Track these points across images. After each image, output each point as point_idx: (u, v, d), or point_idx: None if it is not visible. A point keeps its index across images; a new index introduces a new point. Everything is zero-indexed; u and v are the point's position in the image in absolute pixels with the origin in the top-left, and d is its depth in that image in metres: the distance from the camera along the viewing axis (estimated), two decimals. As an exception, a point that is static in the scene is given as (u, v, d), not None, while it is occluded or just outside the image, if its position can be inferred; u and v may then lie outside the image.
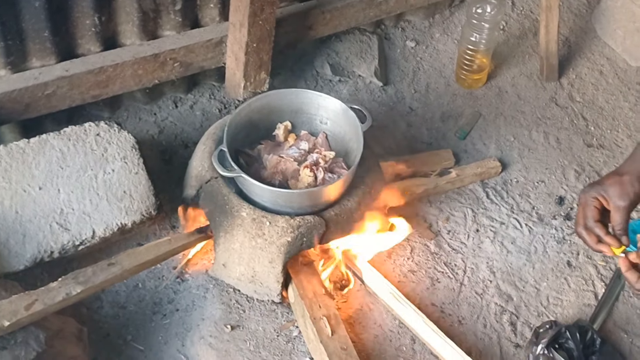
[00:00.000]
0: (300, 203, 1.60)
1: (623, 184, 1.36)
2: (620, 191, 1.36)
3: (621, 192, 1.35)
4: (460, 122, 2.23)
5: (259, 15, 1.73)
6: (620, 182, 1.37)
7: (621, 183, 1.36)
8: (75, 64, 1.68)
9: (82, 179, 1.56)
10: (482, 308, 1.79)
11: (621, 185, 1.36)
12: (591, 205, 1.38)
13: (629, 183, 1.35)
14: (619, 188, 1.36)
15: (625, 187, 1.35)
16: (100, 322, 1.66)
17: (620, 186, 1.36)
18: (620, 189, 1.36)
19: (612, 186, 1.37)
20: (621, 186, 1.36)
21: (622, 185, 1.36)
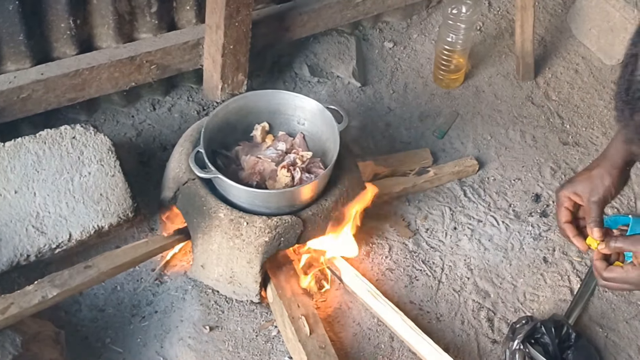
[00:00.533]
0: (277, 203, 1.61)
1: (593, 179, 1.38)
2: (591, 187, 1.38)
3: (592, 187, 1.38)
4: (438, 121, 2.25)
5: (234, 17, 1.74)
6: (590, 178, 1.39)
7: (591, 178, 1.39)
8: (50, 68, 1.68)
9: (58, 182, 1.56)
10: (459, 305, 1.80)
11: (591, 181, 1.39)
12: (562, 205, 1.41)
13: (599, 178, 1.38)
14: (589, 184, 1.39)
15: (595, 182, 1.38)
16: (78, 325, 1.65)
17: (591, 182, 1.39)
18: (591, 185, 1.38)
19: (582, 182, 1.40)
20: (591, 182, 1.38)
21: (592, 180, 1.38)
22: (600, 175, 1.37)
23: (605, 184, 1.37)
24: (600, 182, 1.37)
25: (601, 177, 1.37)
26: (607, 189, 1.37)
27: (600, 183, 1.37)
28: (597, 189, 1.37)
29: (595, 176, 1.37)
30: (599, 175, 1.37)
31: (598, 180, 1.37)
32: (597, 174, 1.38)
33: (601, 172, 1.38)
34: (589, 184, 1.38)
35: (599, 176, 1.37)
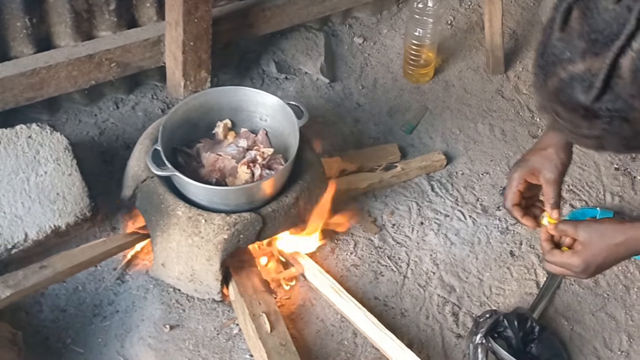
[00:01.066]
0: (235, 200, 1.60)
1: (549, 157, 1.38)
2: (549, 164, 1.37)
3: (549, 165, 1.37)
4: (407, 116, 2.24)
5: (193, 14, 1.73)
6: (545, 156, 1.38)
7: (547, 157, 1.38)
8: (6, 67, 1.66)
9: (13, 182, 1.55)
10: (424, 300, 1.80)
11: (547, 159, 1.38)
12: (515, 187, 1.40)
13: (555, 155, 1.37)
14: (546, 162, 1.38)
15: (552, 159, 1.37)
16: (39, 326, 1.64)
17: (547, 159, 1.38)
18: (548, 162, 1.37)
19: (538, 161, 1.39)
20: (548, 159, 1.38)
21: (548, 158, 1.38)
22: (556, 152, 1.37)
23: (561, 160, 1.37)
24: (557, 158, 1.36)
25: (557, 153, 1.37)
26: (563, 164, 1.37)
27: (557, 159, 1.36)
28: (556, 165, 1.36)
29: (552, 154, 1.37)
30: (554, 152, 1.37)
31: (554, 157, 1.37)
32: (552, 151, 1.37)
33: (555, 149, 1.37)
34: (545, 161, 1.37)
35: (555, 153, 1.37)
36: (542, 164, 1.37)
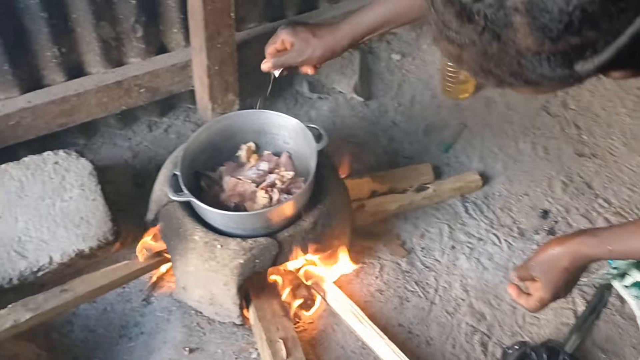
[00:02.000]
0: (252, 225, 1.59)
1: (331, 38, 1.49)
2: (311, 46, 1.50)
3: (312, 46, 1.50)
4: (444, 134, 2.18)
5: (216, 39, 1.75)
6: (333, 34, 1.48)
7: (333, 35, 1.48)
8: (38, 95, 1.73)
9: (40, 207, 1.61)
10: (452, 328, 1.73)
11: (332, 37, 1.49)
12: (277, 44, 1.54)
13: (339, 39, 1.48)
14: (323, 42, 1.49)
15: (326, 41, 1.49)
16: (69, 346, 1.69)
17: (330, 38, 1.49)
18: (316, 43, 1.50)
19: (318, 31, 1.50)
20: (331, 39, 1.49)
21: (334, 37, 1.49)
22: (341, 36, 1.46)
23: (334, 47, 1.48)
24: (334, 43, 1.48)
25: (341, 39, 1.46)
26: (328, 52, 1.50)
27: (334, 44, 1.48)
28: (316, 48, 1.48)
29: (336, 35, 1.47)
30: (341, 36, 1.46)
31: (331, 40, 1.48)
32: (340, 36, 1.46)
33: (343, 34, 1.47)
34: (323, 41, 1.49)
35: (341, 37, 1.46)
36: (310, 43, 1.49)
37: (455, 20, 0.73)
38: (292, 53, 1.53)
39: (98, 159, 1.97)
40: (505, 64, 0.74)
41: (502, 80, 0.77)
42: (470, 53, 0.75)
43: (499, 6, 0.69)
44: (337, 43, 1.51)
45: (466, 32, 0.73)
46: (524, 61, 0.73)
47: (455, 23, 0.73)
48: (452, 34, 0.75)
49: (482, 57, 0.75)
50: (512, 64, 0.74)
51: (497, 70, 0.76)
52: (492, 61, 0.75)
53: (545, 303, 1.32)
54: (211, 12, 1.68)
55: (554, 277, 1.27)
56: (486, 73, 0.78)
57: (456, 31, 0.74)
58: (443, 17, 0.75)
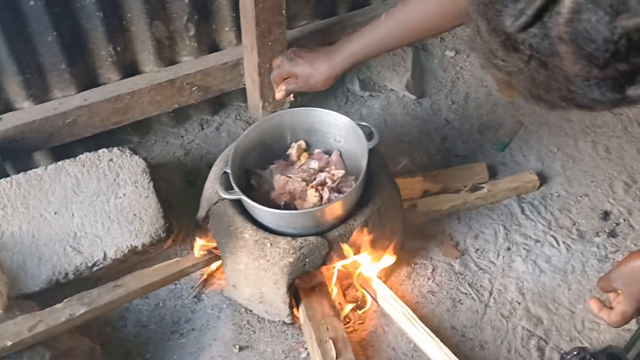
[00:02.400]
0: (302, 224, 1.58)
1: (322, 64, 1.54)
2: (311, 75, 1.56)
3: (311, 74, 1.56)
4: (500, 133, 2.12)
5: (267, 37, 1.74)
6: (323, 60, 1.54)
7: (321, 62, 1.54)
8: (93, 93, 1.76)
9: (94, 204, 1.63)
10: (507, 332, 1.68)
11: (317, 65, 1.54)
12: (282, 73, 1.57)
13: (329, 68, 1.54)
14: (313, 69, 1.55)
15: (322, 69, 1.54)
16: (122, 340, 1.71)
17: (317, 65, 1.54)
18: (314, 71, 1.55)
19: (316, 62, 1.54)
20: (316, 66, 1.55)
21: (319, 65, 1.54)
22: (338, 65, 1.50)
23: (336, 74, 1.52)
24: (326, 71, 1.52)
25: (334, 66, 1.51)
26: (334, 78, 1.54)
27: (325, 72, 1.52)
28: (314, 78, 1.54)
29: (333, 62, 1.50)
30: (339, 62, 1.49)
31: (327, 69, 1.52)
32: (339, 62, 1.50)
33: (341, 60, 1.50)
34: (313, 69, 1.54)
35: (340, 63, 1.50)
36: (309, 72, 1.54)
37: (501, 49, 0.73)
38: (299, 82, 1.60)
39: (151, 157, 2.00)
40: (554, 90, 0.73)
41: (554, 104, 0.77)
42: (519, 80, 0.75)
43: (544, 36, 0.69)
44: (335, 69, 1.55)
45: (513, 61, 0.73)
46: (573, 87, 0.71)
47: (502, 52, 0.73)
48: (499, 62, 0.75)
49: (530, 84, 0.74)
50: (562, 89, 0.73)
51: (547, 96, 0.75)
52: (542, 88, 0.74)
53: (628, 317, 1.26)
54: (263, 10, 1.68)
55: (638, 290, 1.22)
56: (537, 99, 0.77)
57: (503, 59, 0.74)
58: (489, 45, 0.74)
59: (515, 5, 0.69)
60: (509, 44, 0.72)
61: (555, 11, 0.67)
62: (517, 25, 0.69)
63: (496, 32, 0.72)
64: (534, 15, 0.68)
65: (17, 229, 1.58)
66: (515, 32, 0.70)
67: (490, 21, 0.73)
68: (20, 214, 1.59)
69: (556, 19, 0.67)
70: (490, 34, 0.73)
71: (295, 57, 1.57)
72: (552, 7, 0.67)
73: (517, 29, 0.70)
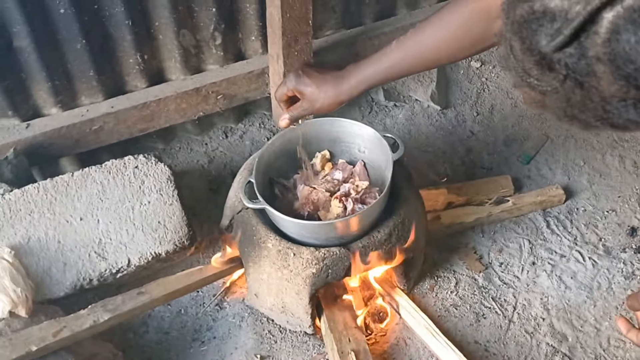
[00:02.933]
0: (325, 235, 1.57)
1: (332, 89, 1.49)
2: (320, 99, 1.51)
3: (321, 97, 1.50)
4: (525, 145, 2.10)
5: (293, 47, 1.75)
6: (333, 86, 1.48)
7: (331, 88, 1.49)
8: (120, 101, 1.78)
9: (120, 211, 1.64)
10: (531, 348, 1.66)
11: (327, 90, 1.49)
12: (286, 89, 1.52)
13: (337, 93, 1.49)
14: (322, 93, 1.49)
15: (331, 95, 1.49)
16: (144, 346, 1.72)
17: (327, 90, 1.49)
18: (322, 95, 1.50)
19: (323, 86, 1.48)
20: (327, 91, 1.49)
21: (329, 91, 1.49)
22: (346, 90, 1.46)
23: (338, 101, 1.48)
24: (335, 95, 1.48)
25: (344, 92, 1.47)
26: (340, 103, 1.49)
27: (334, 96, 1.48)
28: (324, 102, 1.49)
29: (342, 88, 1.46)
30: (346, 88, 1.45)
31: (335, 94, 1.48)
32: (346, 88, 1.45)
33: (348, 86, 1.45)
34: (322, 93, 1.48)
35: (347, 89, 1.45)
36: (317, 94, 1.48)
37: (536, 68, 0.73)
38: (304, 105, 1.56)
39: (175, 164, 2.01)
40: (590, 110, 0.73)
41: (588, 124, 0.76)
42: (553, 99, 0.75)
43: (581, 55, 0.68)
44: (341, 95, 1.52)
45: (547, 80, 0.73)
46: (609, 107, 0.71)
47: (536, 71, 0.73)
48: (533, 81, 0.74)
49: (565, 103, 0.74)
50: (597, 109, 0.72)
51: (581, 116, 0.75)
52: (576, 107, 0.74)
53: None
54: (290, 19, 1.68)
55: None
56: (570, 118, 0.77)
57: (537, 78, 0.74)
58: (523, 64, 0.74)
59: (551, 25, 0.69)
60: (544, 63, 0.71)
61: (593, 31, 0.66)
62: (554, 44, 0.69)
63: (531, 51, 0.72)
64: (572, 35, 0.67)
65: (44, 234, 1.59)
66: (551, 51, 0.70)
67: (525, 40, 0.72)
68: (47, 219, 1.60)
69: (594, 39, 0.66)
70: (525, 52, 0.73)
71: (304, 75, 1.53)
72: (589, 27, 0.66)
73: (553, 48, 0.69)
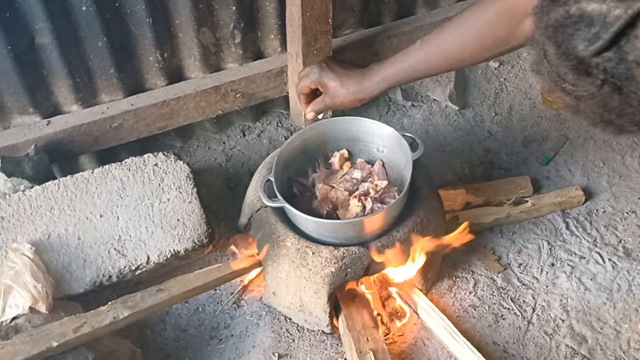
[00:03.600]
0: (344, 233, 1.57)
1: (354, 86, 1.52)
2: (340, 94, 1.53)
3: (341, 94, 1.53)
4: (544, 146, 2.08)
5: (313, 45, 1.74)
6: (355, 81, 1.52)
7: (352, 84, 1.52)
8: (140, 98, 1.78)
9: (139, 208, 1.65)
10: (550, 350, 1.65)
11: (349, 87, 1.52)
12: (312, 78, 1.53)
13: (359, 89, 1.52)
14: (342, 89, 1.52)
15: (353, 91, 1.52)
16: (162, 343, 1.72)
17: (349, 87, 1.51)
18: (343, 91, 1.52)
19: (346, 81, 1.51)
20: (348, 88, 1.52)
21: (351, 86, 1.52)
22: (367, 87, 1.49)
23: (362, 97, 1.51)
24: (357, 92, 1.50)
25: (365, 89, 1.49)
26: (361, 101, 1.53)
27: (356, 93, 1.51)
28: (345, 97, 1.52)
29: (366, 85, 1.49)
30: (368, 87, 1.48)
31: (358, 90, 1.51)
32: (367, 87, 1.48)
33: (370, 85, 1.48)
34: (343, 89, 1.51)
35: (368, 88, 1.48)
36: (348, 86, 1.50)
37: (572, 73, 0.72)
38: (325, 100, 1.59)
39: (193, 162, 2.01)
40: (627, 115, 0.72)
41: (623, 129, 0.75)
42: (589, 105, 0.73)
43: (620, 60, 0.67)
44: (363, 92, 1.54)
45: (584, 85, 0.71)
46: None
47: (572, 76, 0.72)
48: (568, 87, 0.73)
49: (602, 108, 0.73)
50: (635, 114, 0.71)
51: (618, 121, 0.74)
52: (614, 113, 0.72)
53: None
54: (310, 18, 1.68)
55: None
56: (606, 123, 0.76)
57: (572, 84, 0.72)
58: (557, 69, 0.73)
59: (589, 29, 0.68)
60: (580, 68, 0.70)
61: (634, 35, 0.65)
62: (592, 49, 0.68)
63: (567, 55, 0.71)
64: (611, 39, 0.66)
65: (64, 230, 1.60)
66: (589, 56, 0.69)
67: (561, 45, 0.71)
68: (67, 216, 1.61)
69: (634, 43, 0.65)
70: (560, 57, 0.72)
71: (327, 69, 1.54)
72: (630, 31, 0.65)
73: (591, 53, 0.68)
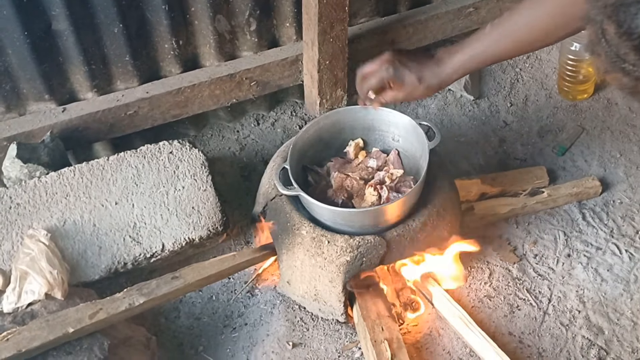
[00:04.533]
0: (360, 222, 1.56)
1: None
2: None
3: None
4: (560, 137, 2.07)
5: (329, 33, 1.73)
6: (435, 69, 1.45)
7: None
8: (155, 86, 1.78)
9: (154, 195, 1.65)
10: (567, 340, 1.63)
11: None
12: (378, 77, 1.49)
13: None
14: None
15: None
16: (175, 331, 1.73)
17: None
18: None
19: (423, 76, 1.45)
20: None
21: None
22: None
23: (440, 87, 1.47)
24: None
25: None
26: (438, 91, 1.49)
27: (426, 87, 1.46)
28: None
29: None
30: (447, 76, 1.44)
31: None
32: (446, 75, 1.44)
33: (449, 72, 1.44)
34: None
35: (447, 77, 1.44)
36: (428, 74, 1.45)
37: (633, 53, 0.70)
38: (399, 95, 1.53)
39: (207, 150, 2.01)
40: None
41: None
42: None
43: None
44: (443, 82, 1.48)
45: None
46: None
47: (633, 56, 0.70)
48: (629, 67, 0.71)
49: None
50: None
51: None
52: None
53: None
54: (326, 6, 1.67)
55: None
56: None
57: (633, 64, 0.71)
58: (617, 49, 0.71)
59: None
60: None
61: None
62: None
63: (629, 35, 0.69)
64: None
65: (79, 217, 1.60)
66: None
67: (622, 24, 0.69)
68: (83, 203, 1.61)
69: None
70: (621, 37, 0.70)
71: (400, 65, 1.48)
72: None
73: None
